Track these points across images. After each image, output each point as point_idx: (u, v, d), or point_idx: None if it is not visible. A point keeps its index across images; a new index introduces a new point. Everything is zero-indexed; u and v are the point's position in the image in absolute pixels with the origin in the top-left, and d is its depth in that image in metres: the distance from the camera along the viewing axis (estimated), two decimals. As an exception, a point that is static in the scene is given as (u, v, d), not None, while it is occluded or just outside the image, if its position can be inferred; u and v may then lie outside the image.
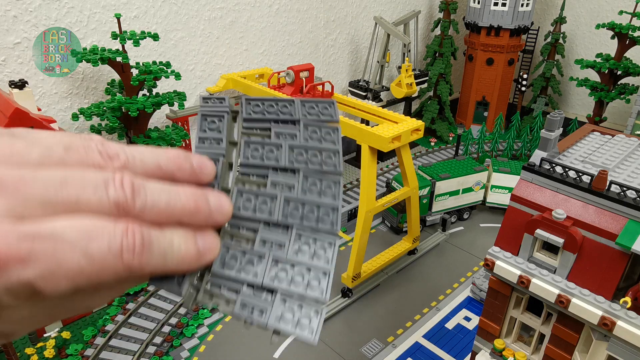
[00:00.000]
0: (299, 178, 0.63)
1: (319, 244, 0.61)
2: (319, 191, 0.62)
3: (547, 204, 2.42)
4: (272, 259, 0.59)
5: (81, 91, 4.31)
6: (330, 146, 0.65)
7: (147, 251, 0.48)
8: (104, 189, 0.47)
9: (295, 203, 0.62)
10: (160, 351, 3.61)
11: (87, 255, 0.45)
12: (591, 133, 3.01)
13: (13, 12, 3.75)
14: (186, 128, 4.88)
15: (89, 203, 0.46)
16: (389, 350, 3.79)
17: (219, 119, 0.67)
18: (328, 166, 0.64)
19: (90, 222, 0.46)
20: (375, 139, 3.70)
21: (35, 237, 0.42)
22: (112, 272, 0.46)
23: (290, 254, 0.60)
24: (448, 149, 7.23)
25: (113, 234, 0.46)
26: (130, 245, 0.47)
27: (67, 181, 0.46)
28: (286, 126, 0.66)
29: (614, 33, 6.12)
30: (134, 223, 0.48)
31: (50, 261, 0.43)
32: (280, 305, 0.57)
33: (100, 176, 0.48)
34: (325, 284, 0.59)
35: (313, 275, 0.59)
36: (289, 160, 0.64)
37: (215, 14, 5.08)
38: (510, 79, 7.41)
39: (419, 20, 7.32)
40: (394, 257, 4.56)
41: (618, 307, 2.14)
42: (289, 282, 0.58)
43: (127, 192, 0.48)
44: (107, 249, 0.46)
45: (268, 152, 0.65)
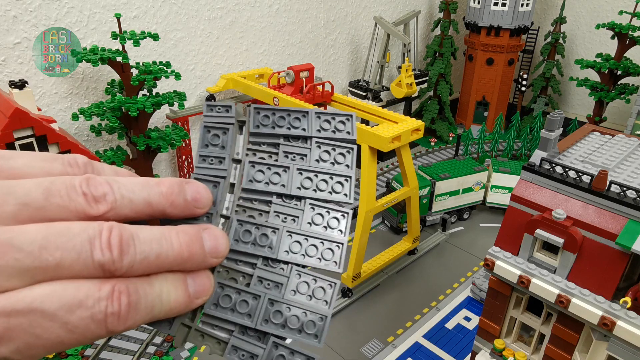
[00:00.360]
0: (304, 208, 0.58)
1: (319, 284, 0.56)
2: (324, 224, 0.58)
3: (547, 204, 2.42)
4: (267, 300, 0.55)
5: (81, 91, 4.31)
6: (342, 170, 0.59)
7: (133, 311, 0.46)
8: (89, 250, 0.43)
9: (298, 237, 0.57)
10: (160, 351, 3.61)
11: (68, 327, 0.42)
12: (591, 133, 3.01)
13: (13, 12, 3.75)
14: (186, 128, 4.88)
15: (71, 267, 0.42)
16: (389, 350, 3.79)
17: (223, 131, 0.60)
18: (337, 195, 0.58)
19: (72, 289, 0.42)
20: (375, 139, 3.70)
21: (11, 312, 0.40)
22: (93, 338, 0.44)
23: (288, 294, 0.56)
24: (448, 149, 7.23)
25: (97, 300, 0.43)
26: (115, 311, 0.44)
27: (48, 243, 0.41)
28: (296, 143, 0.60)
29: (614, 33, 6.12)
30: (121, 283, 0.45)
31: (27, 336, 0.41)
32: (273, 351, 0.55)
33: (84, 234, 0.43)
34: (322, 330, 0.55)
35: (309, 318, 0.55)
36: (295, 187, 0.58)
37: (215, 14, 5.08)
38: (510, 79, 7.41)
39: (419, 20, 7.32)
40: (394, 257, 4.55)
41: (618, 307, 2.14)
42: (284, 326, 0.55)
43: (114, 252, 0.44)
44: (89, 318, 0.43)
45: (273, 175, 0.59)
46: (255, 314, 0.55)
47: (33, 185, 0.44)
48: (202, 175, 0.59)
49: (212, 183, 0.58)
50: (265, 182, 0.59)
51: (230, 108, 0.61)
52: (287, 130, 0.60)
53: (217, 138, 0.60)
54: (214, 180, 0.58)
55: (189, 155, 5.03)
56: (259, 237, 0.57)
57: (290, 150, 0.60)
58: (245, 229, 0.57)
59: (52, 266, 0.41)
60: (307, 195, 0.58)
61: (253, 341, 0.55)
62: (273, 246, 0.57)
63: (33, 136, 3.15)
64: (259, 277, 0.56)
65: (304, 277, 0.56)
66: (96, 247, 0.43)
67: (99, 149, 4.27)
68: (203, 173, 0.59)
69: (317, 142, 0.60)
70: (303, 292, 0.56)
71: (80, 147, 3.46)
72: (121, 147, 4.16)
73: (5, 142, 3.02)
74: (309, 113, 0.61)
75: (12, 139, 3.05)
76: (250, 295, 0.56)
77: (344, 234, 0.58)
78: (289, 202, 0.58)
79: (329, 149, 0.60)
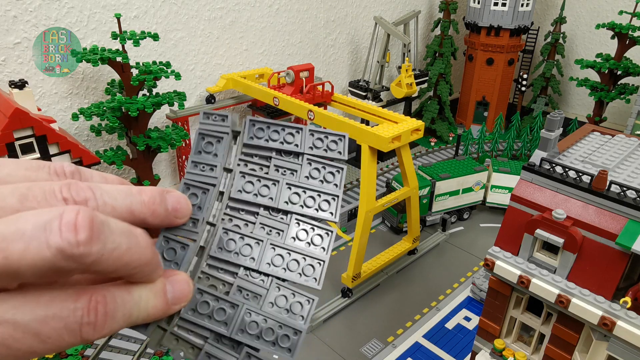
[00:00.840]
0: (290, 222, 0.59)
1: (297, 298, 0.57)
2: (308, 241, 0.59)
3: (547, 204, 2.42)
4: (245, 309, 0.56)
5: (81, 91, 4.31)
6: (330, 189, 0.60)
7: (110, 320, 0.45)
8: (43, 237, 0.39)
9: (281, 250, 0.58)
10: (160, 351, 3.61)
11: (40, 338, 0.41)
12: (591, 133, 3.01)
13: (13, 12, 3.75)
14: (186, 128, 4.88)
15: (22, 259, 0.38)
16: (389, 350, 3.79)
17: (217, 140, 0.61)
18: (323, 212, 0.59)
19: (46, 299, 0.41)
20: (375, 139, 3.70)
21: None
22: (67, 347, 0.43)
23: (266, 306, 0.56)
24: (448, 149, 7.23)
25: (72, 311, 0.42)
26: (91, 321, 0.43)
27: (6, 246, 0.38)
28: (288, 158, 0.61)
29: (614, 33, 6.12)
30: (98, 292, 0.44)
31: (0, 349, 0.39)
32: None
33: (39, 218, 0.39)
34: (296, 344, 0.56)
35: (284, 332, 0.56)
36: (282, 201, 0.59)
37: (215, 14, 5.08)
38: (510, 79, 7.41)
39: (419, 20, 7.32)
40: (394, 257, 4.55)
41: (618, 307, 2.14)
42: (259, 338, 0.55)
43: (80, 235, 0.40)
44: (63, 328, 0.42)
45: (262, 187, 0.59)
46: (231, 323, 0.55)
47: (9, 191, 0.42)
48: (192, 181, 0.59)
49: (201, 189, 0.59)
50: (254, 193, 0.59)
51: (227, 118, 0.62)
52: (280, 144, 0.61)
53: (211, 146, 0.61)
54: (203, 187, 0.59)
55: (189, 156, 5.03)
56: (243, 247, 0.58)
57: (281, 164, 0.61)
58: (230, 237, 0.58)
59: (1, 264, 0.38)
60: (294, 211, 0.59)
61: (227, 349, 0.56)
62: (255, 257, 0.57)
63: (33, 136, 3.15)
64: (239, 287, 0.57)
65: (283, 290, 0.57)
66: (53, 230, 0.38)
67: (99, 149, 4.27)
68: (193, 179, 0.59)
69: (309, 159, 0.61)
70: (281, 305, 0.56)
71: (80, 147, 3.46)
72: (121, 147, 4.16)
73: (5, 142, 3.02)
74: (303, 130, 0.61)
75: (12, 139, 3.05)
76: (228, 303, 0.56)
77: (326, 252, 0.59)
78: (275, 216, 0.59)
79: (320, 167, 0.61)
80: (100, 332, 0.44)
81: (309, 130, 0.62)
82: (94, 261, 0.41)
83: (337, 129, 4.08)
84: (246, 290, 0.57)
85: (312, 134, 0.62)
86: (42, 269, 0.39)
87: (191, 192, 0.59)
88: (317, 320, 3.98)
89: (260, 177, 0.60)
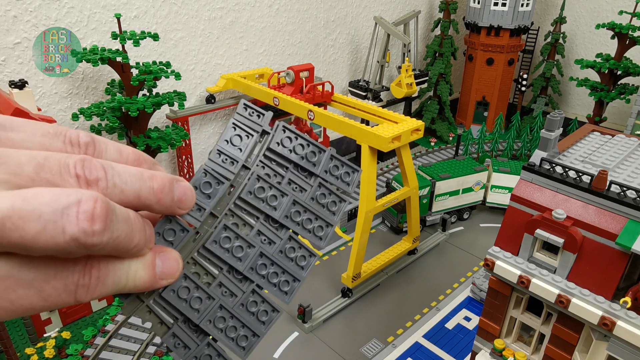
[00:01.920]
0: (284, 237, 0.62)
1: (264, 307, 0.61)
2: (294, 259, 0.62)
3: (547, 204, 2.42)
4: (218, 305, 0.60)
5: (81, 91, 4.31)
6: (328, 217, 0.64)
7: (101, 284, 0.47)
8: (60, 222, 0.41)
9: (266, 261, 0.61)
10: (160, 351, 3.61)
11: (42, 295, 0.43)
12: (591, 133, 3.01)
13: (13, 12, 3.75)
14: (186, 128, 4.88)
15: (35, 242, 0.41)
16: (389, 350, 3.79)
17: (247, 135, 0.63)
18: (314, 238, 0.63)
19: (48, 260, 0.43)
20: (375, 139, 3.70)
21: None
22: (61, 305, 0.46)
23: (236, 307, 0.60)
24: (448, 149, 7.23)
25: (71, 273, 0.45)
26: (85, 283, 0.46)
27: (12, 212, 0.39)
28: (302, 175, 0.64)
29: (614, 33, 6.12)
30: (94, 258, 0.46)
31: (2, 300, 0.42)
32: (204, 349, 0.59)
33: (58, 203, 0.41)
34: (251, 346, 0.60)
35: (244, 333, 0.60)
36: (284, 215, 0.62)
37: (215, 14, 5.08)
38: (510, 79, 7.41)
39: (419, 20, 7.32)
40: (394, 257, 4.56)
41: (618, 307, 2.14)
42: (223, 332, 0.59)
43: (96, 225, 0.42)
44: (62, 288, 0.44)
45: (271, 197, 0.62)
46: (202, 313, 0.59)
47: (26, 158, 0.43)
48: (211, 170, 0.61)
49: (217, 180, 0.61)
50: (261, 199, 0.62)
51: (263, 116, 0.64)
52: (300, 159, 0.63)
53: (239, 139, 0.63)
54: (219, 179, 0.61)
55: (189, 155, 5.03)
56: (235, 248, 0.60)
57: (294, 179, 0.63)
58: (227, 235, 0.60)
59: (15, 241, 0.39)
60: (291, 227, 0.62)
61: (191, 334, 0.59)
62: (243, 260, 0.61)
63: (33, 136, 3.14)
64: (220, 282, 0.60)
65: (256, 297, 0.61)
66: (70, 217, 0.40)
67: (99, 149, 4.26)
68: (213, 168, 0.62)
69: (320, 183, 0.64)
70: (250, 309, 0.60)
71: (80, 147, 3.46)
72: (121, 147, 4.16)
73: (5, 142, 3.02)
74: (325, 152, 0.64)
75: (12, 139, 3.04)
76: (206, 295, 0.59)
77: (305, 272, 0.63)
78: (272, 226, 0.62)
79: (327, 193, 0.64)
80: (92, 295, 0.47)
81: (330, 155, 0.64)
82: (102, 248, 0.44)
83: (337, 129, 4.10)
84: (225, 287, 0.60)
85: (331, 158, 0.64)
86: (52, 251, 0.41)
87: (207, 179, 0.61)
88: (317, 320, 3.98)
89: (273, 185, 0.62)
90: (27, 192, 0.40)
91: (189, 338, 0.59)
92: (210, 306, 0.59)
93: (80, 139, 0.50)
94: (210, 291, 0.60)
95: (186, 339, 0.59)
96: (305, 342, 3.85)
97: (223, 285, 0.60)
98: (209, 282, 0.60)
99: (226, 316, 0.60)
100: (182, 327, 0.59)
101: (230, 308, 0.60)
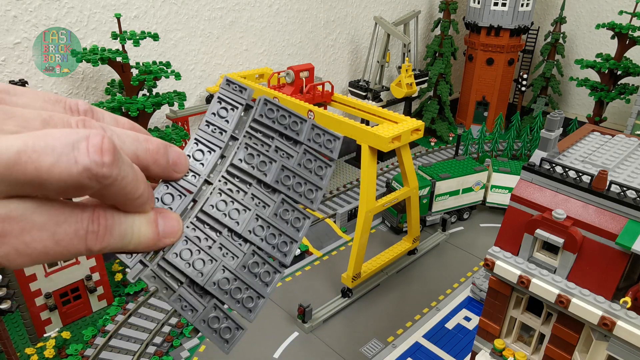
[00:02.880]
0: (277, 200, 0.65)
1: (266, 268, 0.63)
2: (289, 220, 0.65)
3: (547, 204, 2.42)
4: (221, 266, 0.61)
5: (81, 91, 4.31)
6: (317, 181, 0.67)
7: (108, 234, 0.50)
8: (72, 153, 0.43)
9: (263, 223, 0.64)
10: (160, 351, 3.61)
11: (55, 238, 0.45)
12: (591, 133, 3.01)
13: (13, 12, 3.75)
14: (186, 128, 4.88)
15: (50, 174, 0.43)
16: (389, 350, 3.79)
17: (232, 108, 0.67)
18: (306, 199, 0.66)
19: (58, 206, 0.46)
20: (375, 139, 3.70)
21: (5, 219, 0.42)
22: (74, 252, 0.47)
23: (238, 268, 0.62)
24: (448, 149, 7.23)
25: (80, 219, 0.47)
26: (94, 229, 0.48)
27: (26, 147, 0.42)
28: (288, 143, 0.67)
29: (614, 33, 6.12)
30: (99, 207, 0.49)
31: (17, 242, 0.43)
32: (211, 311, 0.61)
33: (68, 138, 0.44)
34: (254, 313, 0.61)
35: (248, 295, 0.61)
36: (275, 179, 0.65)
37: (215, 14, 5.08)
38: (510, 79, 7.41)
39: (419, 20, 7.32)
40: (394, 257, 4.56)
41: (618, 307, 2.14)
42: (227, 294, 0.61)
43: (105, 157, 0.45)
44: (73, 233, 0.46)
45: (260, 162, 0.65)
46: (206, 275, 0.61)
47: (32, 115, 0.46)
48: (202, 139, 0.65)
49: (208, 148, 0.65)
50: (252, 165, 0.65)
51: (245, 90, 0.68)
52: (284, 129, 0.67)
53: (225, 112, 0.67)
54: (210, 147, 0.65)
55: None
56: (232, 210, 0.63)
57: (281, 147, 0.67)
58: (222, 199, 0.63)
59: (31, 174, 0.41)
60: (282, 191, 0.65)
61: (197, 297, 0.61)
62: (240, 222, 0.63)
63: (33, 136, 3.15)
64: (221, 244, 0.62)
65: (257, 258, 0.63)
66: (81, 150, 0.42)
67: (99, 149, 4.27)
68: (204, 137, 0.65)
69: (305, 149, 0.67)
70: (253, 270, 0.63)
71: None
72: (121, 147, 4.16)
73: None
74: (306, 121, 0.68)
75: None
76: (208, 257, 0.61)
77: (300, 233, 0.65)
78: (266, 190, 0.65)
79: (312, 159, 0.67)
80: (101, 243, 0.49)
81: (311, 124, 0.68)
82: (109, 184, 0.46)
83: (337, 129, 4.09)
84: (226, 249, 0.62)
85: (312, 127, 0.68)
86: (66, 184, 0.43)
87: (199, 148, 0.65)
88: (317, 320, 3.98)
89: (261, 152, 0.66)
90: (38, 132, 0.43)
91: (196, 300, 0.60)
92: (213, 268, 0.61)
93: (79, 107, 0.54)
94: (211, 253, 0.61)
95: (193, 301, 0.60)
96: (305, 342, 3.85)
97: (224, 247, 0.62)
98: (210, 245, 0.62)
99: (230, 278, 0.61)
100: (187, 289, 0.60)
101: (233, 269, 0.61)
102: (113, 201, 0.50)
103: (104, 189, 0.46)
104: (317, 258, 4.89)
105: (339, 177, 6.40)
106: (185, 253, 0.61)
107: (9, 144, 0.41)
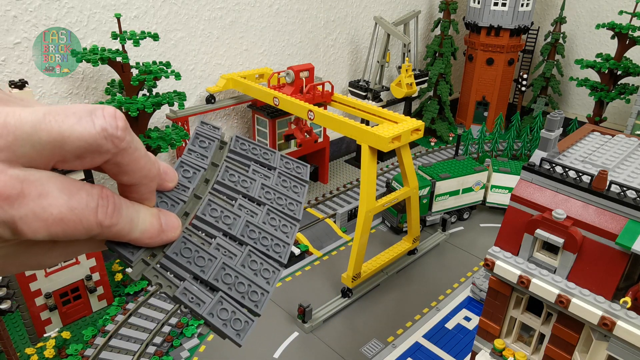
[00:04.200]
0: (263, 210, 0.70)
1: (265, 266, 0.66)
2: (277, 226, 0.70)
3: (547, 204, 2.42)
4: (221, 263, 0.64)
5: (81, 91, 4.31)
6: (295, 197, 0.73)
7: (117, 213, 0.52)
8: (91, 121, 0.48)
9: (254, 227, 0.68)
10: (160, 351, 3.61)
11: (70, 205, 0.48)
12: (591, 133, 3.01)
13: (13, 12, 3.75)
14: (186, 128, 4.88)
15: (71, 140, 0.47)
16: (389, 350, 3.79)
17: (209, 141, 0.74)
18: (290, 211, 0.72)
19: (69, 179, 0.49)
20: (375, 139, 3.70)
21: (25, 180, 0.45)
22: (86, 225, 0.49)
23: (238, 265, 0.65)
24: (448, 149, 7.23)
25: (90, 194, 0.50)
26: (104, 206, 0.51)
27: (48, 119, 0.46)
28: (263, 168, 0.74)
29: (614, 33, 6.12)
30: (106, 188, 0.53)
31: (35, 205, 0.45)
32: (217, 304, 0.62)
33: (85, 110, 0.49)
34: (262, 302, 0.64)
35: (253, 289, 0.64)
36: (258, 194, 0.71)
37: (215, 14, 5.08)
38: (510, 79, 7.41)
39: (419, 20, 7.31)
40: (394, 257, 4.56)
41: (618, 307, 2.14)
42: (231, 287, 0.63)
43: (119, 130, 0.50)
44: (85, 204, 0.49)
45: (242, 181, 0.71)
46: (209, 270, 0.63)
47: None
48: (187, 161, 0.70)
49: (193, 169, 0.70)
50: (235, 183, 0.71)
51: (219, 129, 0.76)
52: (258, 158, 0.75)
53: (204, 143, 0.74)
54: (195, 168, 0.70)
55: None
56: (223, 217, 0.68)
57: (258, 170, 0.74)
58: (213, 207, 0.68)
59: (56, 132, 0.45)
60: (266, 203, 0.71)
61: (203, 290, 0.63)
62: (232, 227, 0.67)
63: (33, 136, 3.15)
64: (218, 244, 0.66)
65: (254, 257, 0.66)
66: (98, 115, 0.48)
67: (99, 149, 4.26)
68: (188, 160, 0.71)
69: (279, 173, 0.75)
70: (253, 268, 0.66)
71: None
72: (121, 147, 4.16)
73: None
74: (276, 153, 0.77)
75: (12, 139, 3.05)
76: (208, 255, 0.64)
77: (290, 239, 0.70)
78: (252, 203, 0.71)
79: (288, 180, 0.75)
80: (111, 218, 0.52)
81: (280, 155, 0.76)
82: (124, 149, 0.50)
83: (337, 129, 4.10)
84: (224, 248, 0.66)
85: (282, 158, 0.76)
86: (86, 143, 0.47)
87: (184, 169, 0.70)
88: (317, 320, 3.98)
89: (241, 174, 0.72)
90: (56, 106, 0.47)
91: (202, 292, 0.62)
92: (214, 265, 0.63)
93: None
94: (210, 253, 0.64)
95: (199, 293, 0.62)
96: (305, 342, 3.85)
97: (221, 247, 0.65)
98: (207, 248, 0.66)
99: (231, 273, 0.64)
100: (193, 283, 0.62)
101: (234, 266, 0.64)
102: (129, 177, 0.54)
103: (120, 155, 0.50)
104: (317, 258, 4.89)
105: (339, 177, 6.40)
106: (185, 251, 0.64)
107: (36, 109, 0.45)
